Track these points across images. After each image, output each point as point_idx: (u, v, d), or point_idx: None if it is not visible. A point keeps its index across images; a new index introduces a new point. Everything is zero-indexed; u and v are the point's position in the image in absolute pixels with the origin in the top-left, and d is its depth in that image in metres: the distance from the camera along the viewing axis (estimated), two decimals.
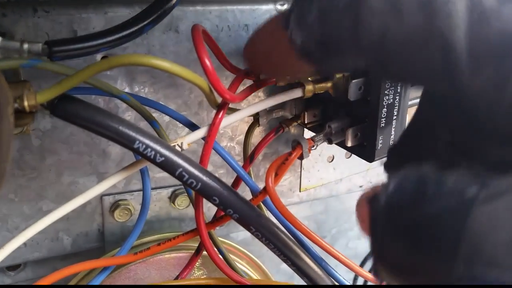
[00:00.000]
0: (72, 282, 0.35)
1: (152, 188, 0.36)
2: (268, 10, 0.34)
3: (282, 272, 0.49)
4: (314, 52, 0.16)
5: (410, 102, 0.28)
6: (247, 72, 0.26)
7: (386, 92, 0.26)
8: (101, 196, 0.35)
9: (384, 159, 0.30)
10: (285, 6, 0.34)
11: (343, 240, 0.53)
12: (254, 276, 0.38)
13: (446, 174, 0.13)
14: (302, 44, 0.16)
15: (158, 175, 0.36)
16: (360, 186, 0.47)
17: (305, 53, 0.16)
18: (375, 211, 0.14)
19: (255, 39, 0.20)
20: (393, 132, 0.28)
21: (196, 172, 0.21)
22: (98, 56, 0.30)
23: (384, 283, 0.15)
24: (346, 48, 0.15)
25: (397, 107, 0.27)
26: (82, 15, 0.29)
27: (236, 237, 0.45)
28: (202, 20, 0.32)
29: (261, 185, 0.26)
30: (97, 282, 0.30)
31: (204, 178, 0.22)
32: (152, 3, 0.23)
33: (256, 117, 0.30)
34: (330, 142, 0.27)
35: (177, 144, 0.24)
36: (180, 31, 0.32)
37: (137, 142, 0.20)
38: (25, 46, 0.19)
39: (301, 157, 0.26)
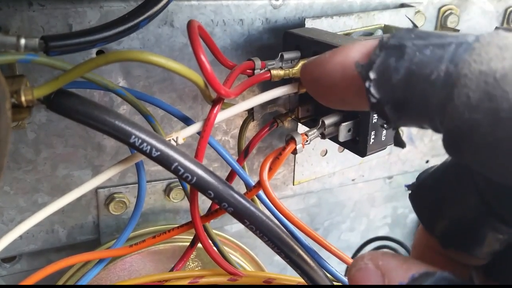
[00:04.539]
0: (68, 274, 0.35)
1: (147, 181, 0.37)
2: (262, 5, 0.34)
3: (275, 264, 0.49)
4: (389, 112, 0.15)
5: None
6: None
7: None
8: (96, 189, 0.35)
9: (380, 154, 0.30)
10: (280, 1, 0.34)
11: (335, 233, 0.53)
12: (248, 268, 0.39)
13: None
14: (378, 102, 0.15)
15: (153, 168, 0.37)
16: (353, 180, 0.47)
17: (377, 110, 0.15)
18: None
19: (322, 67, 0.17)
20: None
21: (192, 167, 0.22)
22: (93, 51, 0.30)
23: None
24: (426, 119, 0.14)
25: None
26: (78, 9, 0.29)
27: (230, 230, 0.45)
28: (197, 15, 0.32)
29: (255, 179, 0.26)
30: (92, 274, 0.30)
31: (200, 172, 0.22)
32: None
33: (250, 111, 0.30)
34: (323, 137, 0.28)
35: (173, 139, 0.24)
36: (175, 26, 0.32)
37: (133, 136, 0.21)
38: (22, 41, 0.19)
39: (294, 152, 0.26)
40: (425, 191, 0.18)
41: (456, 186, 0.16)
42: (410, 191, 0.18)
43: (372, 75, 0.15)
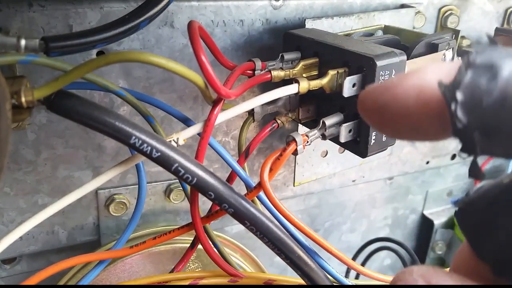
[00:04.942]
0: (68, 275, 0.35)
1: (147, 182, 0.37)
2: (263, 6, 0.34)
3: (275, 265, 0.49)
4: (477, 139, 0.13)
5: None
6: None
7: None
8: (96, 190, 0.35)
9: (381, 154, 0.30)
10: (280, 2, 0.34)
11: (336, 234, 0.53)
12: (248, 269, 0.39)
13: None
14: (465, 128, 0.13)
15: (153, 169, 0.37)
16: (353, 181, 0.47)
17: (462, 136, 0.13)
18: None
19: (390, 91, 0.15)
20: None
21: (192, 168, 0.22)
22: (94, 51, 0.30)
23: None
24: None
25: None
26: (78, 9, 0.29)
27: (230, 231, 0.45)
28: (197, 16, 0.32)
29: (255, 180, 0.26)
30: (93, 275, 0.30)
31: (200, 173, 0.22)
32: None
33: (251, 112, 0.30)
34: (324, 137, 0.28)
35: (173, 140, 0.24)
36: (175, 26, 0.32)
37: (133, 137, 0.21)
38: (22, 42, 0.19)
39: (295, 153, 0.26)
40: (476, 213, 0.16)
41: None
42: (457, 209, 0.16)
43: (459, 96, 0.13)
